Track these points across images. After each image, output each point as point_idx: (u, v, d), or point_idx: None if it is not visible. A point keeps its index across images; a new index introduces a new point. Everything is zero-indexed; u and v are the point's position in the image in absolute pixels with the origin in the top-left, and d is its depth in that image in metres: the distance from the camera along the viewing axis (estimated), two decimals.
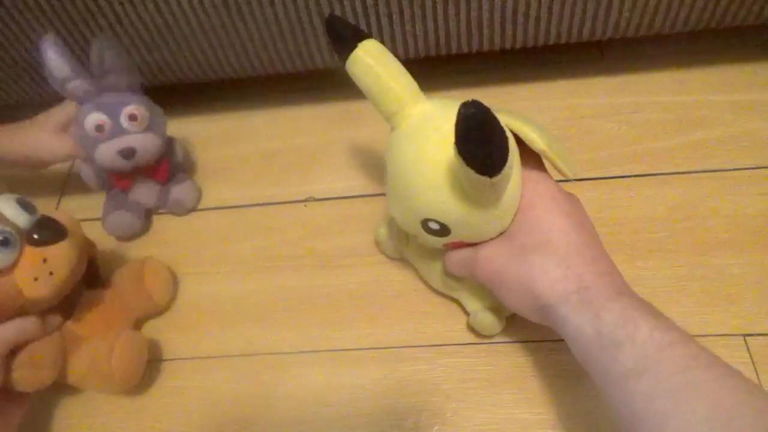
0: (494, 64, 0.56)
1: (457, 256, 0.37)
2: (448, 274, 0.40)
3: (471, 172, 0.27)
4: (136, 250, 0.52)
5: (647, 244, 0.45)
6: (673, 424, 0.25)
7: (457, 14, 0.46)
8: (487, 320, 0.40)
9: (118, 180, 0.51)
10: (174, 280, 0.48)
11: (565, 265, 0.31)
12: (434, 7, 0.46)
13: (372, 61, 0.33)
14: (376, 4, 0.45)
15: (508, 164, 0.27)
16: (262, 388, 0.43)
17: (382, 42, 0.34)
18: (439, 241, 0.35)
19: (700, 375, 0.26)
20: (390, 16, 0.46)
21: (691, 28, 0.49)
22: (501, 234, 0.35)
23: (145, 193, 0.52)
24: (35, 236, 0.36)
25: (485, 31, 0.48)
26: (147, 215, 0.53)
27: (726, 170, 0.48)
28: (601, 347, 0.29)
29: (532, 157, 0.34)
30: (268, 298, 0.47)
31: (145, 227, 0.53)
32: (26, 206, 0.37)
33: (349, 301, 0.46)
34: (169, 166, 0.52)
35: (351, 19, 0.46)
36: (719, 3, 0.45)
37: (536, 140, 0.32)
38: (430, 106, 0.33)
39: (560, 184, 0.35)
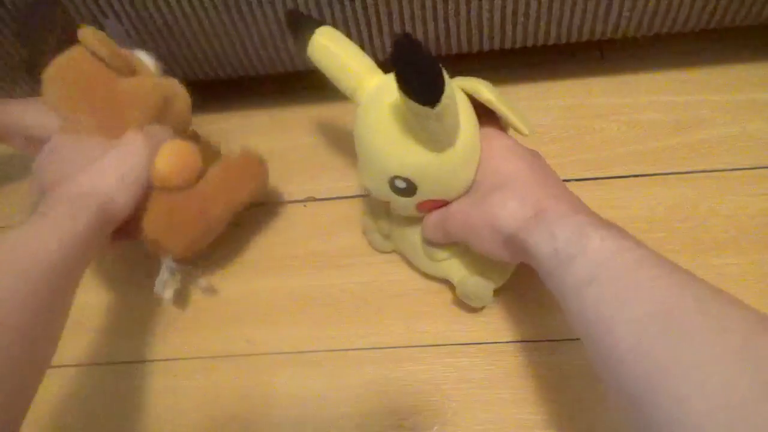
0: (494, 64, 0.56)
1: (432, 219, 0.39)
2: (430, 244, 0.41)
3: (413, 104, 0.29)
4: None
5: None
6: (617, 327, 0.25)
7: (457, 14, 0.46)
8: (474, 285, 0.40)
9: None
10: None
11: (522, 196, 0.33)
12: (434, 7, 0.46)
13: (328, 43, 0.37)
14: (376, 4, 0.45)
15: (447, 94, 0.28)
16: (262, 388, 0.43)
17: (383, 42, 0.34)
18: (410, 202, 0.37)
19: (643, 275, 0.26)
20: (390, 16, 0.46)
21: (691, 28, 0.49)
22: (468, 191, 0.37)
23: None
24: None
25: (485, 31, 0.48)
26: None
27: (726, 170, 0.48)
28: (558, 263, 0.29)
29: (490, 119, 0.37)
30: (268, 298, 0.47)
31: None
32: None
33: (349, 301, 0.46)
34: None
35: (351, 20, 0.46)
36: (719, 3, 0.45)
37: (482, 90, 0.34)
38: (386, 78, 0.36)
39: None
